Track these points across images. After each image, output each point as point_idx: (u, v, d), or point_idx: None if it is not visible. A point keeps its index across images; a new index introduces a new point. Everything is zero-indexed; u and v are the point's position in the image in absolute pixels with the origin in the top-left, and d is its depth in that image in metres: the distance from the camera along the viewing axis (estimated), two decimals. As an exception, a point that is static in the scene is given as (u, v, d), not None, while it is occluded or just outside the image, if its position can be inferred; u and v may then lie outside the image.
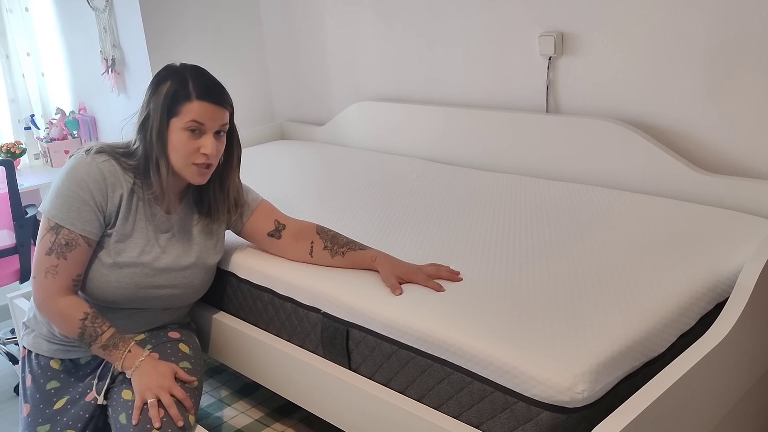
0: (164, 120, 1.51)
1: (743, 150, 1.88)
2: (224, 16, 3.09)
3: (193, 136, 1.52)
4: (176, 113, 1.51)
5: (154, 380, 1.49)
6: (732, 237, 1.62)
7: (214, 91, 1.54)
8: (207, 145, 1.52)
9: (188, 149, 1.52)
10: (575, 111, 2.21)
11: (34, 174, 3.26)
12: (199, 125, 1.51)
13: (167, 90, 1.51)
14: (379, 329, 1.42)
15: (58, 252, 1.50)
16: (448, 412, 1.32)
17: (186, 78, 1.53)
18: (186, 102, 1.50)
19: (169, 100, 1.51)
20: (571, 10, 2.13)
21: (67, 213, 1.50)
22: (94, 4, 3.02)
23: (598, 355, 1.19)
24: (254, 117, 3.28)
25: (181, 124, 1.51)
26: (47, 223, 1.52)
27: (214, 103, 1.52)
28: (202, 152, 1.52)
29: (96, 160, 1.53)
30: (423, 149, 2.60)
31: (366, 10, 2.75)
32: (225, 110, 1.55)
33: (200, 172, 1.55)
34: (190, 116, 1.50)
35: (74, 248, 1.51)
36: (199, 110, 1.50)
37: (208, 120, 1.51)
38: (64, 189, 1.51)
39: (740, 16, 1.80)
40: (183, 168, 1.55)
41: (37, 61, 3.50)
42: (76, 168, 1.52)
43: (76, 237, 1.51)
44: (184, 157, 1.53)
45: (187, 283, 1.67)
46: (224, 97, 1.56)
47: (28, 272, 2.71)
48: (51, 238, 1.50)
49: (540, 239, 1.68)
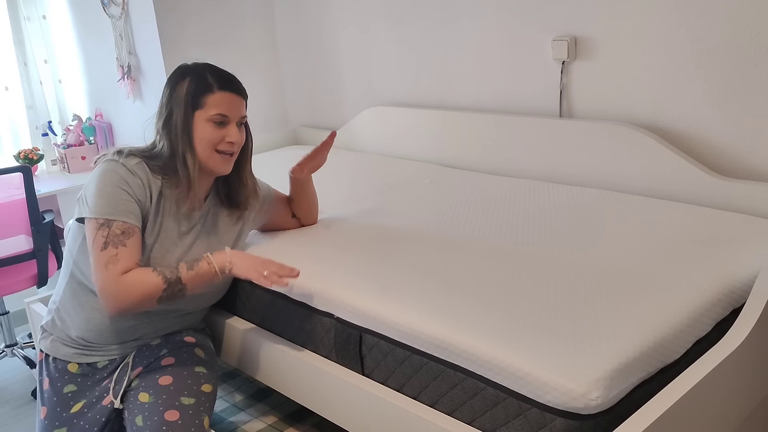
0: (189, 113, 1.57)
1: (758, 154, 1.86)
2: (238, 23, 3.12)
3: (218, 127, 1.58)
4: (200, 105, 1.57)
5: (252, 260, 1.53)
6: (748, 242, 1.60)
7: (233, 81, 1.62)
8: (232, 134, 1.59)
9: (215, 139, 1.58)
10: (589, 115, 2.20)
11: (52, 180, 3.30)
12: (223, 117, 1.58)
13: (188, 86, 1.57)
14: (391, 334, 1.42)
15: (114, 242, 1.50)
16: (461, 417, 1.32)
17: (203, 72, 1.60)
18: (209, 93, 1.57)
19: (191, 94, 1.57)
20: (584, 15, 2.12)
21: (116, 207, 1.52)
22: (110, 11, 3.06)
23: (613, 362, 1.18)
24: (268, 122, 3.30)
25: (206, 116, 1.57)
26: (95, 223, 1.51)
27: (234, 92, 1.60)
28: (228, 140, 1.59)
29: (129, 163, 1.56)
30: (436, 154, 2.60)
31: (379, 15, 2.76)
32: (243, 100, 1.63)
33: (225, 160, 1.61)
34: (215, 107, 1.57)
35: (131, 236, 1.52)
36: (222, 100, 1.57)
37: (231, 110, 1.59)
38: (105, 188, 1.52)
39: (755, 19, 1.78)
40: (209, 158, 1.59)
41: (55, 68, 3.54)
42: (113, 170, 1.54)
43: (130, 226, 1.52)
44: (211, 147, 1.58)
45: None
46: (242, 87, 1.64)
47: (46, 277, 2.74)
48: (104, 233, 1.50)
49: (552, 244, 1.68)
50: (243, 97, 1.63)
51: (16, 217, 2.62)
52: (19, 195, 2.59)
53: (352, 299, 1.52)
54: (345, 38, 2.95)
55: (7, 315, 2.89)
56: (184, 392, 1.57)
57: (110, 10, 3.05)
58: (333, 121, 3.15)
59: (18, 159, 3.25)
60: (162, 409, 1.52)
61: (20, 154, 3.25)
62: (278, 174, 2.52)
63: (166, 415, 1.51)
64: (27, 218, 2.62)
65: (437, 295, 1.46)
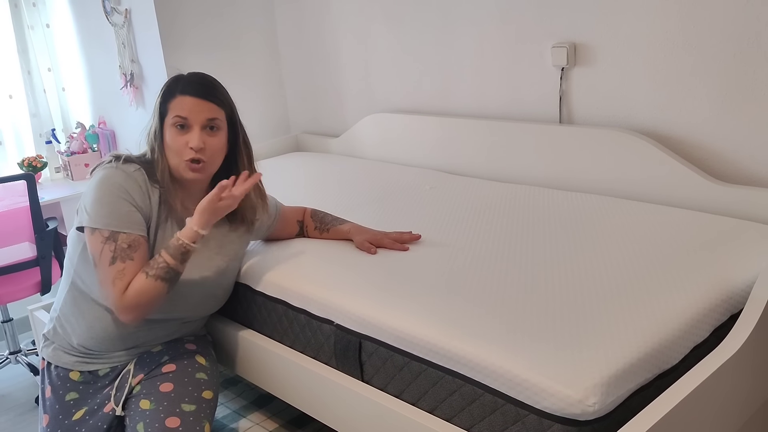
0: (159, 121, 1.58)
1: (757, 159, 1.87)
2: (240, 31, 3.14)
3: (181, 132, 1.55)
4: (166, 112, 1.57)
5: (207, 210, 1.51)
6: (746, 247, 1.61)
7: (199, 85, 1.58)
8: (192, 139, 1.54)
9: (178, 145, 1.55)
10: (588, 121, 2.21)
11: (55, 187, 3.31)
12: (182, 119, 1.55)
13: (161, 93, 1.59)
14: (391, 341, 1.43)
15: (122, 257, 1.49)
16: (460, 424, 1.32)
17: (177, 80, 1.60)
18: (171, 98, 1.57)
19: (160, 102, 1.58)
20: (584, 21, 2.13)
21: (119, 218, 1.50)
22: (113, 20, 3.08)
23: (610, 368, 1.18)
24: (270, 129, 3.32)
25: (169, 121, 1.56)
26: (100, 235, 1.50)
27: (196, 96, 1.56)
28: (189, 146, 1.54)
29: (127, 170, 1.55)
30: (436, 160, 2.61)
31: (380, 22, 2.78)
32: (210, 104, 1.57)
33: (191, 168, 1.57)
34: (174, 111, 1.55)
35: (137, 249, 1.51)
36: (181, 104, 1.55)
37: (190, 113, 1.55)
38: (106, 197, 1.51)
39: (753, 26, 1.79)
40: (177, 165, 1.58)
41: (58, 76, 3.57)
42: (111, 177, 1.53)
43: (136, 237, 1.52)
44: (176, 153, 1.56)
45: (211, 292, 1.69)
46: (210, 90, 1.58)
47: (49, 284, 2.75)
48: (110, 247, 1.49)
49: (552, 250, 1.68)
50: (211, 101, 1.56)
51: (19, 224, 2.63)
52: (23, 202, 2.60)
53: (352, 306, 1.53)
54: (346, 45, 2.96)
55: (11, 322, 2.90)
56: (185, 399, 1.58)
57: (113, 18, 3.07)
58: (334, 128, 3.16)
59: (22, 167, 3.27)
60: (163, 416, 1.53)
61: (24, 161, 3.27)
62: (281, 181, 2.54)
63: (167, 422, 1.51)
64: (30, 226, 2.63)
65: (436, 302, 1.47)
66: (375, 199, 2.23)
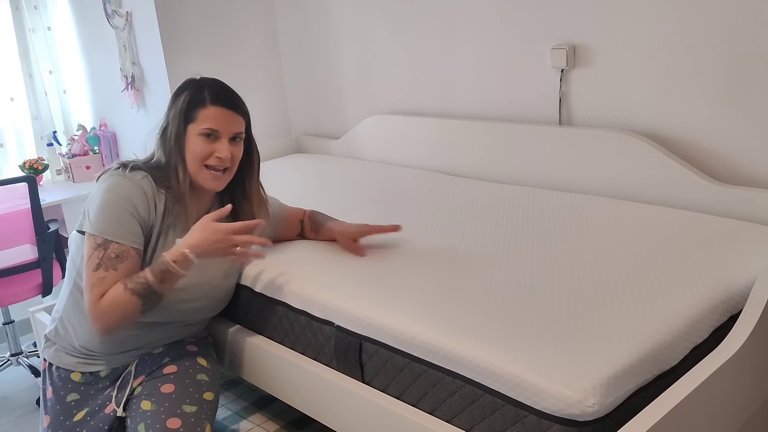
0: (182, 126, 1.58)
1: (756, 160, 1.87)
2: (241, 33, 3.14)
3: (209, 141, 1.57)
4: (193, 119, 1.57)
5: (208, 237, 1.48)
6: (745, 248, 1.61)
7: (228, 96, 1.61)
8: (222, 149, 1.57)
9: (204, 153, 1.57)
10: (588, 123, 2.22)
11: (57, 189, 3.32)
12: (213, 131, 1.57)
13: (184, 98, 1.59)
14: (391, 342, 1.43)
15: (106, 265, 1.49)
16: (460, 425, 1.32)
17: (202, 86, 1.60)
18: (201, 108, 1.57)
19: (185, 107, 1.58)
20: (583, 23, 2.14)
21: (116, 227, 1.51)
22: (114, 22, 3.09)
23: (609, 368, 1.19)
24: (271, 131, 3.32)
25: (197, 130, 1.57)
26: (94, 241, 1.51)
27: (227, 107, 1.58)
28: (216, 155, 1.57)
29: (134, 177, 1.56)
30: (436, 162, 2.62)
31: (380, 24, 2.79)
32: (239, 116, 1.61)
33: (214, 177, 1.60)
34: (206, 122, 1.56)
35: (125, 260, 1.51)
36: (213, 115, 1.56)
37: (222, 125, 1.57)
38: (108, 205, 1.52)
39: (751, 27, 1.79)
40: (197, 172, 1.59)
41: (59, 78, 3.58)
42: (118, 185, 1.54)
43: (127, 249, 1.52)
44: (199, 160, 1.58)
45: (212, 295, 1.70)
46: (238, 102, 1.62)
47: (50, 286, 2.76)
48: (99, 254, 1.50)
49: (551, 251, 1.68)
50: (238, 113, 1.61)
51: (21, 226, 2.64)
52: (24, 205, 2.61)
53: (352, 307, 1.53)
54: (346, 47, 2.97)
55: (12, 324, 2.91)
56: (186, 400, 1.58)
57: (114, 21, 3.08)
58: (335, 130, 3.17)
59: (23, 169, 3.28)
60: (164, 417, 1.53)
61: (25, 164, 3.28)
62: (282, 183, 2.54)
63: (168, 423, 1.52)
64: (32, 228, 2.64)
65: (436, 303, 1.47)
66: (375, 201, 2.24)
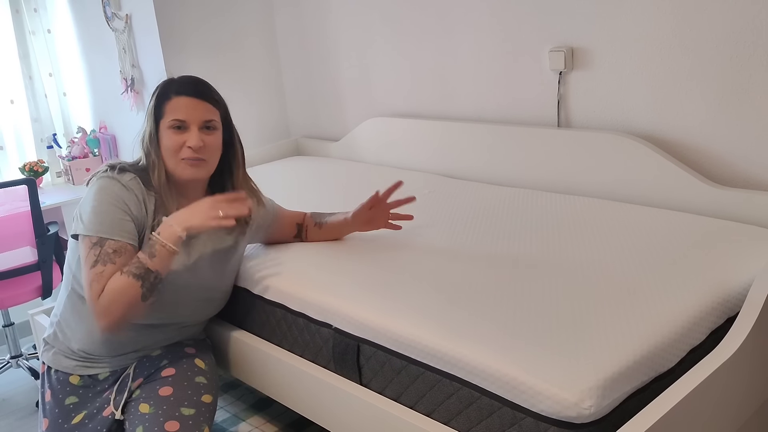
0: (153, 124, 1.58)
1: (754, 162, 1.87)
2: (240, 35, 3.15)
3: (179, 132, 1.57)
4: (162, 114, 1.58)
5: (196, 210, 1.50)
6: (743, 250, 1.61)
7: (194, 86, 1.60)
8: (191, 138, 1.56)
9: (175, 145, 1.56)
10: (586, 125, 2.22)
11: (57, 192, 3.32)
12: (181, 122, 1.56)
13: (154, 97, 1.60)
14: (388, 344, 1.44)
15: (104, 260, 1.48)
16: (457, 427, 1.33)
17: (170, 82, 1.61)
18: (167, 101, 1.58)
19: (155, 104, 1.58)
20: (581, 25, 2.14)
21: (110, 225, 1.51)
22: (113, 25, 3.09)
23: (606, 370, 1.19)
24: (270, 133, 3.33)
25: (166, 124, 1.57)
26: (89, 241, 1.51)
27: (192, 96, 1.58)
28: (187, 145, 1.56)
29: (124, 179, 1.56)
30: (435, 164, 2.62)
31: (379, 27, 2.79)
32: (207, 104, 1.59)
33: (190, 164, 1.58)
34: (172, 113, 1.56)
35: (122, 254, 1.50)
36: (178, 105, 1.56)
37: (189, 114, 1.56)
38: (101, 205, 1.52)
39: (749, 30, 1.80)
40: (175, 166, 1.58)
41: (59, 81, 3.58)
42: (108, 186, 1.54)
43: (123, 245, 1.51)
44: (173, 154, 1.57)
45: (209, 296, 1.70)
46: (205, 90, 1.61)
47: (50, 288, 2.76)
48: (95, 252, 1.49)
49: (550, 253, 1.69)
50: (207, 101, 1.59)
51: (21, 229, 2.64)
52: (24, 207, 2.62)
53: (350, 310, 1.54)
54: (345, 49, 2.97)
55: (12, 326, 2.91)
56: (184, 403, 1.58)
57: (114, 23, 3.09)
58: (334, 132, 3.17)
59: (23, 171, 3.28)
60: (162, 420, 1.53)
61: (25, 166, 3.29)
62: (281, 185, 2.55)
63: (167, 426, 1.52)
64: (32, 230, 2.64)
65: (434, 305, 1.47)
66: (374, 203, 2.23)
